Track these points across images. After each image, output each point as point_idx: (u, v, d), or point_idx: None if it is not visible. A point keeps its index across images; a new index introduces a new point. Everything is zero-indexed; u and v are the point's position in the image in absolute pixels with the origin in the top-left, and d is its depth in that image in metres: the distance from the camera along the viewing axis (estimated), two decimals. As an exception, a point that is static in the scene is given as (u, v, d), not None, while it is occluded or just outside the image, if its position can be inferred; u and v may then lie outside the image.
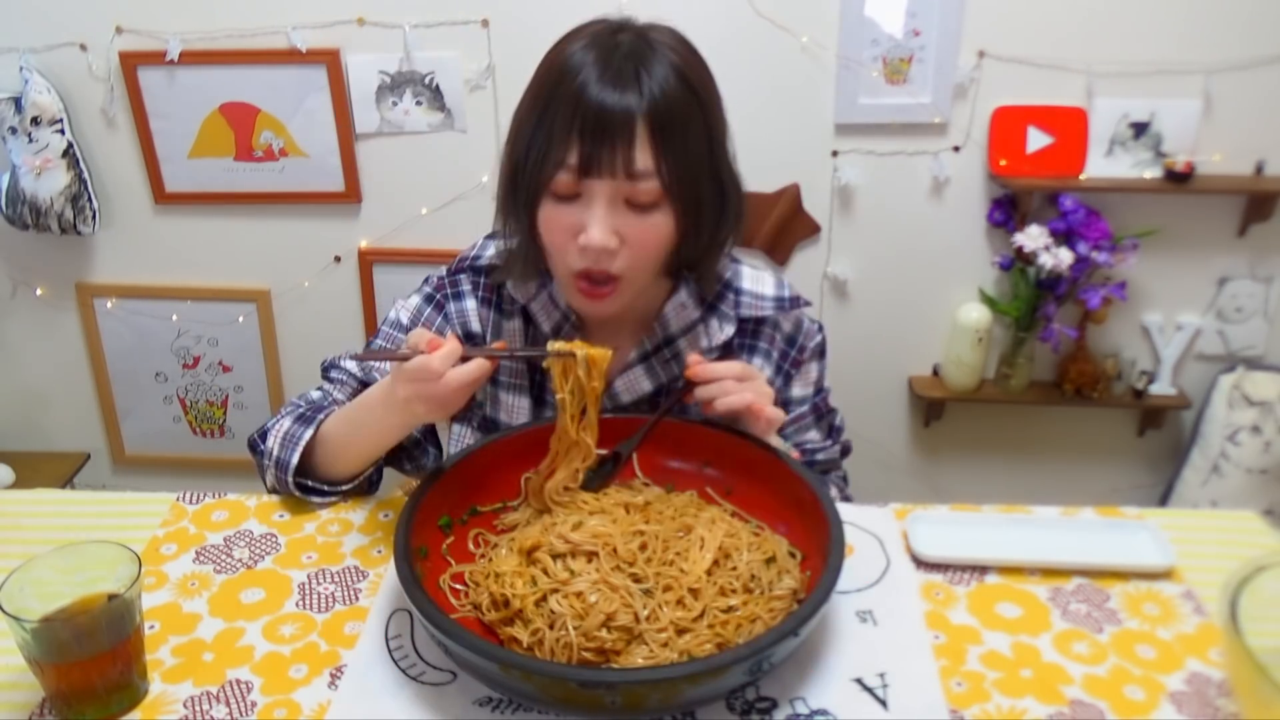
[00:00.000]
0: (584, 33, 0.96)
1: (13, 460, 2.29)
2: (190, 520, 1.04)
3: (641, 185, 0.93)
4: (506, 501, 1.00)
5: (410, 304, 1.13)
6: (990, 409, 2.22)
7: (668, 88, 0.92)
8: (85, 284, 2.26)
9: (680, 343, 1.10)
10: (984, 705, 0.80)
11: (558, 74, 0.93)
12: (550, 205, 0.96)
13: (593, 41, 0.94)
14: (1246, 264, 2.06)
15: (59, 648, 0.75)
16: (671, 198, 0.95)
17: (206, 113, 2.06)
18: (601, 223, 0.94)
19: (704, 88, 0.96)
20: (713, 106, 0.98)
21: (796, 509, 0.93)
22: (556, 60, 0.95)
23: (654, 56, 0.93)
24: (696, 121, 0.95)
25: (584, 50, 0.93)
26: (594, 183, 0.93)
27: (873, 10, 1.89)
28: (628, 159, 0.92)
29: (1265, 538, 1.00)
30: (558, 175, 0.94)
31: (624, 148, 0.91)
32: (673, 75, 0.92)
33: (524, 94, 0.99)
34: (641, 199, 0.94)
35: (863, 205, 2.06)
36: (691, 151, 0.95)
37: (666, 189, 0.94)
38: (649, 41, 0.94)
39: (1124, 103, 1.92)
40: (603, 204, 0.94)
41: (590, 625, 0.81)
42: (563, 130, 0.92)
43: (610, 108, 0.90)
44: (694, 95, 0.94)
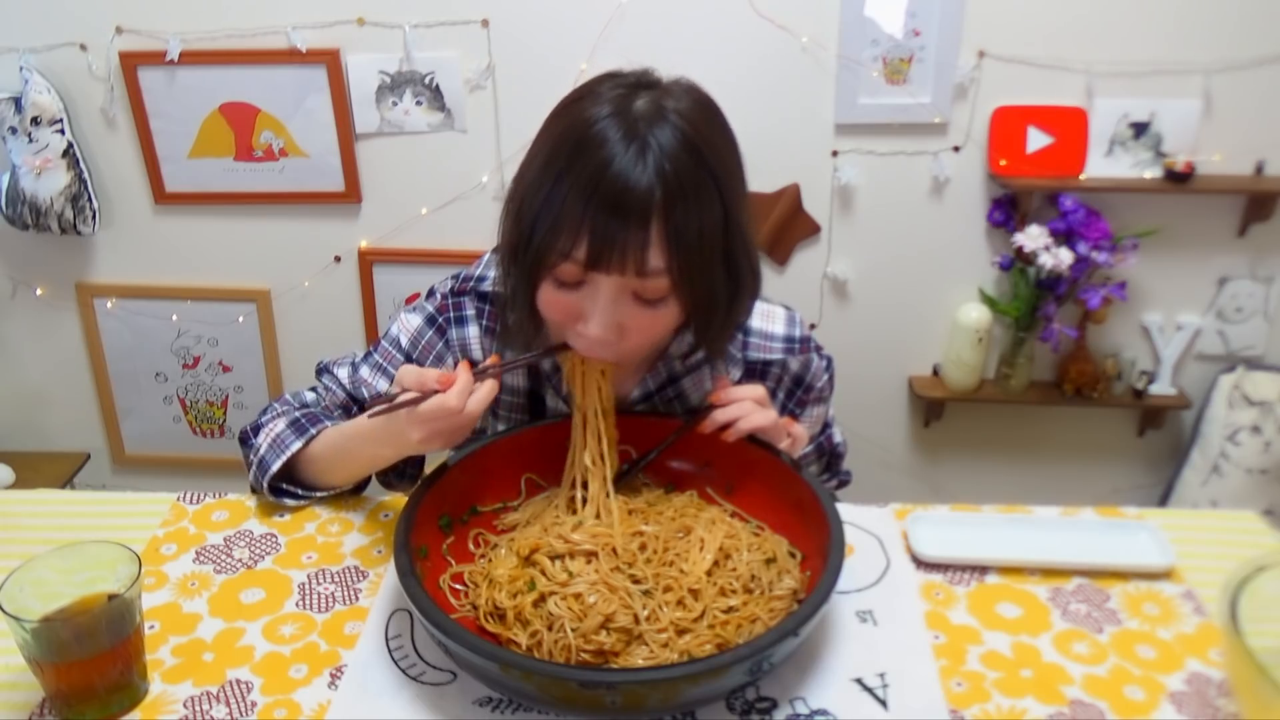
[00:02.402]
0: (605, 92, 0.88)
1: (13, 460, 2.29)
2: (190, 520, 1.04)
3: (651, 282, 0.87)
4: (507, 501, 1.00)
5: (411, 325, 1.09)
6: (990, 409, 2.22)
7: (680, 165, 0.84)
8: (85, 284, 2.26)
9: (684, 382, 1.07)
10: (984, 705, 0.80)
11: (574, 144, 0.85)
12: (551, 288, 0.90)
13: (615, 109, 0.85)
14: (1246, 264, 2.06)
15: (59, 648, 0.75)
16: (680, 291, 0.89)
17: (206, 113, 2.06)
18: (603, 318, 0.88)
19: (720, 162, 0.88)
20: (728, 181, 0.88)
21: (796, 509, 0.93)
22: (576, 123, 0.86)
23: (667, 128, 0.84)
24: (712, 203, 0.87)
25: (604, 119, 0.85)
26: (600, 277, 0.87)
27: (873, 10, 1.89)
28: (639, 259, 0.85)
29: (1265, 538, 1.00)
30: (563, 265, 0.87)
31: (636, 247, 0.84)
32: (685, 149, 0.84)
33: (535, 149, 0.91)
34: (650, 295, 0.88)
35: (863, 205, 2.06)
36: (706, 239, 0.87)
37: (675, 285, 0.88)
38: (662, 110, 0.85)
39: (1124, 103, 1.92)
40: (606, 299, 0.88)
41: (588, 627, 0.81)
42: (573, 215, 0.84)
43: (626, 195, 0.83)
44: (710, 173, 0.86)
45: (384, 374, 1.09)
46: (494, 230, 0.97)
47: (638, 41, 1.92)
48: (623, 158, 0.83)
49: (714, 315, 0.94)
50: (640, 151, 0.83)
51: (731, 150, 0.91)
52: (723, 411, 0.97)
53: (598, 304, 0.88)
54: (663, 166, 0.83)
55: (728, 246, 0.90)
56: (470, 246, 2.12)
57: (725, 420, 0.97)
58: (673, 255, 0.85)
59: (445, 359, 1.08)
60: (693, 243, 0.85)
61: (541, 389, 1.09)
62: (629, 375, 1.06)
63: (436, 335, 1.08)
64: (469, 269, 1.10)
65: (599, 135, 0.84)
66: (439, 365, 1.08)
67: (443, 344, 1.08)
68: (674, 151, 0.83)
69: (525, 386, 1.09)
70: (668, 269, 0.86)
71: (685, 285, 0.88)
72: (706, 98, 0.91)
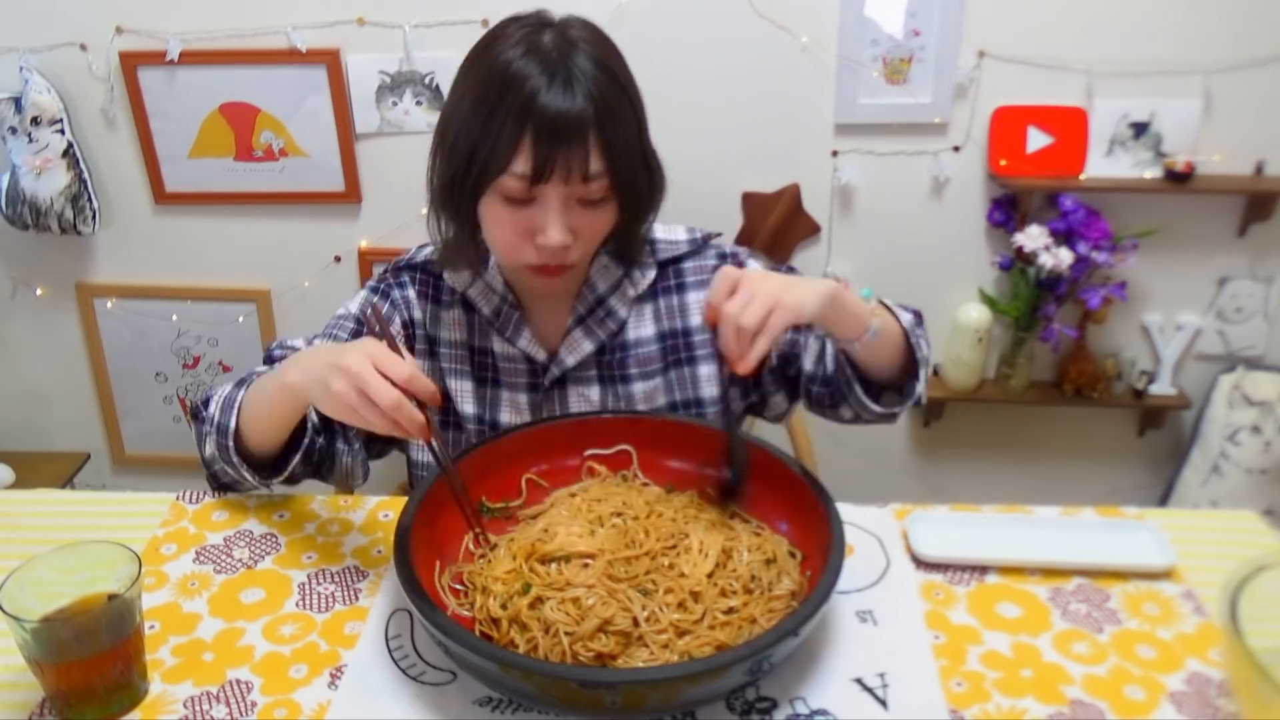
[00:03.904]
0: (513, 34, 1.00)
1: (13, 460, 2.29)
2: (190, 520, 1.04)
3: (593, 185, 1.00)
4: (508, 502, 1.00)
5: (358, 298, 1.21)
6: (990, 409, 2.22)
7: (603, 86, 0.97)
8: (85, 284, 2.26)
9: (611, 300, 1.17)
10: (984, 705, 0.80)
11: (500, 81, 0.97)
12: (498, 206, 1.01)
13: (528, 47, 0.98)
14: (1246, 264, 2.06)
15: (59, 648, 0.76)
16: (618, 192, 1.02)
17: (206, 113, 2.06)
18: (558, 224, 1.00)
19: (626, 76, 1.03)
20: (635, 92, 1.04)
21: (796, 509, 0.93)
22: (495, 67, 0.98)
23: (582, 56, 0.98)
24: (628, 113, 1.01)
25: (523, 58, 0.97)
26: (547, 188, 0.98)
27: (873, 10, 1.89)
28: (583, 164, 0.97)
29: (1265, 538, 1.00)
30: (507, 182, 0.98)
31: (579, 155, 0.97)
32: (603, 73, 0.98)
33: (456, 96, 1.03)
34: (593, 196, 1.01)
35: (863, 205, 2.06)
36: (629, 144, 1.01)
37: (614, 185, 1.01)
38: (571, 40, 0.99)
39: (1124, 103, 1.92)
40: (557, 206, 1.00)
41: (585, 631, 0.80)
42: (511, 138, 0.96)
43: (563, 116, 0.95)
44: (622, 89, 1.00)
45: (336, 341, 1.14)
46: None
47: (637, 41, 1.89)
48: (551, 86, 0.95)
49: (639, 210, 1.09)
50: (566, 80, 0.96)
51: (627, 68, 1.05)
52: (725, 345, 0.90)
53: (550, 212, 1.00)
54: (589, 89, 0.96)
55: (643, 147, 1.05)
56: (470, 246, 2.12)
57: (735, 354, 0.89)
58: (608, 159, 0.98)
59: (393, 318, 1.17)
60: (622, 146, 0.99)
61: (486, 341, 1.16)
62: (561, 307, 1.16)
63: (381, 299, 1.19)
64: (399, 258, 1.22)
65: (521, 71, 0.96)
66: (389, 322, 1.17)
67: (388, 304, 1.19)
68: (594, 74, 0.97)
69: (463, 339, 1.17)
70: (607, 171, 0.99)
71: (621, 183, 1.01)
72: (599, 28, 1.05)
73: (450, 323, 1.18)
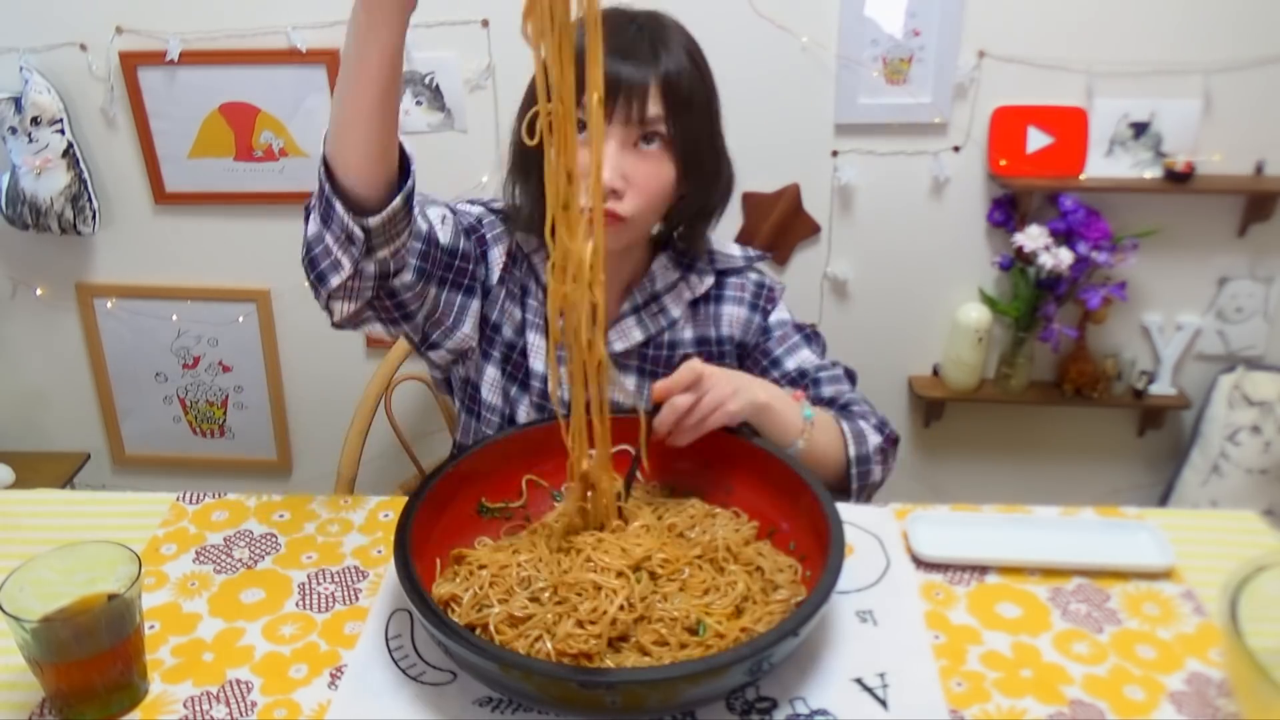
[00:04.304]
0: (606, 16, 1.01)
1: (13, 460, 2.29)
2: (190, 520, 1.04)
3: (650, 129, 1.02)
4: (508, 502, 1.00)
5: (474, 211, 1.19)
6: (990, 409, 2.22)
7: (680, 63, 1.02)
8: (85, 284, 2.26)
9: (666, 298, 1.20)
10: (984, 705, 0.80)
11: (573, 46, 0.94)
12: None
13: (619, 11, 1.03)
14: (1246, 264, 2.06)
15: (59, 648, 0.76)
16: (675, 150, 1.04)
17: (206, 113, 2.06)
18: (611, 161, 1.01)
19: (709, 76, 1.08)
20: (714, 94, 1.09)
21: (796, 509, 0.93)
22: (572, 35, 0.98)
23: (669, 36, 1.03)
24: (702, 99, 1.05)
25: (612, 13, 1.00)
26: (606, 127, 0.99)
27: (873, 10, 1.89)
28: (641, 108, 1.01)
29: (1265, 538, 1.00)
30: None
31: (638, 100, 1.00)
32: (685, 55, 1.03)
33: None
34: (650, 143, 1.03)
35: (863, 205, 2.06)
36: (696, 119, 1.05)
37: (671, 139, 1.03)
38: (662, 23, 1.05)
39: (1124, 103, 1.92)
40: (613, 146, 1.02)
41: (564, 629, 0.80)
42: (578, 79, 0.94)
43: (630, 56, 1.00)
44: (702, 78, 1.05)
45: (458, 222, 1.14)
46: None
47: (638, 41, 1.92)
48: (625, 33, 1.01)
49: (701, 186, 1.10)
50: (639, 38, 1.01)
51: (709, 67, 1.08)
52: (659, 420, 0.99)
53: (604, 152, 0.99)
54: (662, 51, 1.02)
55: (713, 136, 1.09)
56: (470, 246, 2.12)
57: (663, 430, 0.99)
58: (669, 112, 1.02)
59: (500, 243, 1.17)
60: (684, 111, 1.03)
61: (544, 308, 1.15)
62: (617, 296, 1.18)
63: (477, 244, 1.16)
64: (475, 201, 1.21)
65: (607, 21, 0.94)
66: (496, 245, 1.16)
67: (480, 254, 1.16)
68: (672, 45, 1.03)
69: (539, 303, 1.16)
70: (664, 118, 1.02)
71: (679, 141, 1.04)
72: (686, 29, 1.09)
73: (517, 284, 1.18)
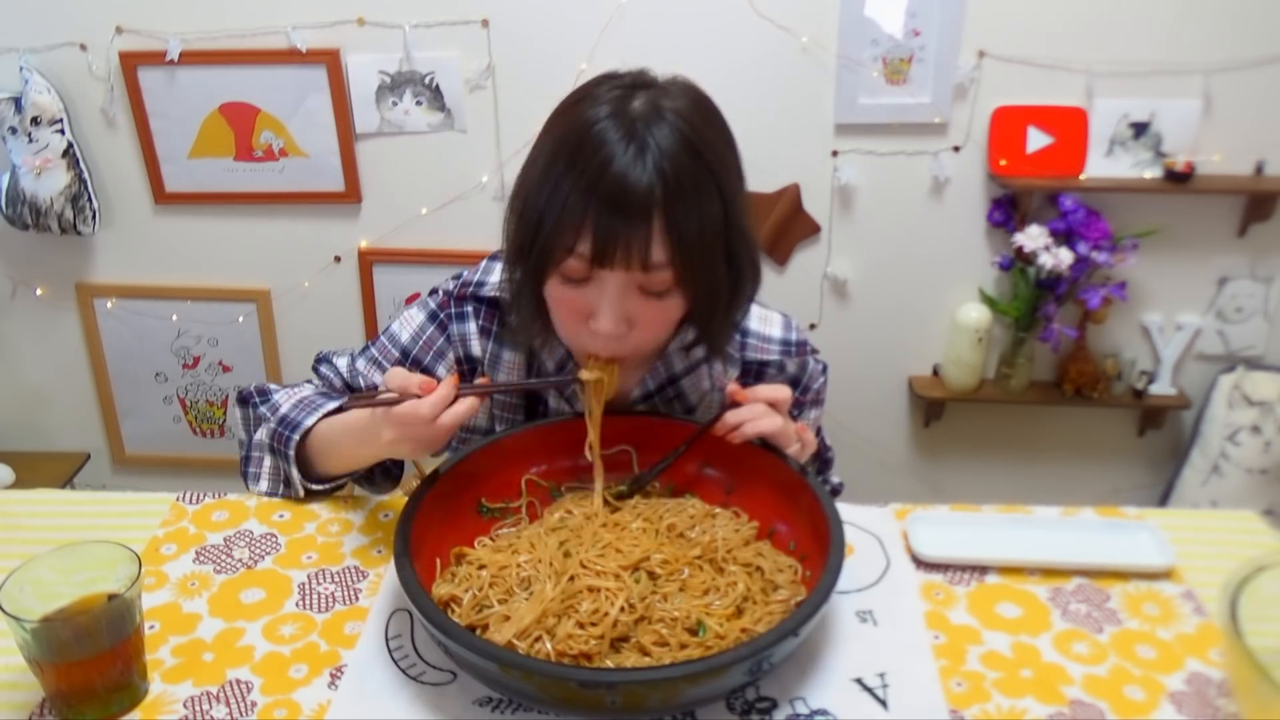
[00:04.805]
0: (604, 94, 0.90)
1: (13, 460, 2.30)
2: (190, 520, 1.04)
3: (656, 275, 0.90)
4: (508, 502, 1.00)
5: (414, 320, 1.11)
6: (990, 409, 2.22)
7: (680, 164, 0.87)
8: (85, 284, 2.26)
9: (683, 382, 1.09)
10: (984, 705, 0.80)
11: (575, 144, 0.88)
12: (558, 285, 0.93)
13: (614, 110, 0.88)
14: (1246, 264, 2.06)
15: (59, 648, 0.75)
16: (684, 284, 0.92)
17: (206, 113, 2.06)
18: (613, 312, 0.92)
19: (718, 159, 0.91)
20: (727, 176, 0.91)
21: (796, 509, 0.93)
22: (575, 126, 0.89)
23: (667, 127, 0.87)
24: (711, 199, 0.90)
25: (605, 121, 0.87)
26: (606, 273, 0.90)
27: (873, 10, 1.89)
28: (644, 252, 0.88)
29: (1265, 538, 1.00)
30: (569, 261, 0.90)
31: (640, 241, 0.87)
32: (684, 150, 0.87)
33: (535, 152, 0.94)
34: (655, 287, 0.92)
35: (863, 205, 2.06)
36: (706, 234, 0.90)
37: (679, 278, 0.91)
38: (659, 109, 0.88)
39: (1124, 103, 1.92)
40: (615, 293, 0.91)
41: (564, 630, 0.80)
42: (576, 213, 0.87)
43: (628, 192, 0.86)
44: (707, 168, 0.89)
45: (379, 368, 1.10)
46: (494, 230, 0.99)
47: (638, 41, 1.92)
48: (622, 157, 0.86)
49: (716, 308, 0.97)
50: (639, 151, 0.86)
51: (728, 146, 0.94)
52: (733, 413, 0.96)
53: (605, 298, 0.91)
54: (661, 164, 0.86)
55: (728, 240, 0.93)
56: (470, 246, 2.12)
57: (734, 423, 0.96)
58: (675, 249, 0.88)
59: (446, 354, 1.10)
60: (694, 237, 0.89)
61: (544, 390, 1.10)
62: (630, 375, 1.07)
63: (438, 331, 1.10)
64: (468, 273, 1.11)
65: (598, 136, 0.87)
66: (439, 360, 1.10)
67: (444, 339, 1.10)
68: (672, 150, 0.87)
69: None
70: (671, 262, 0.89)
71: (688, 278, 0.91)
72: (703, 96, 0.94)
73: (510, 367, 1.10)
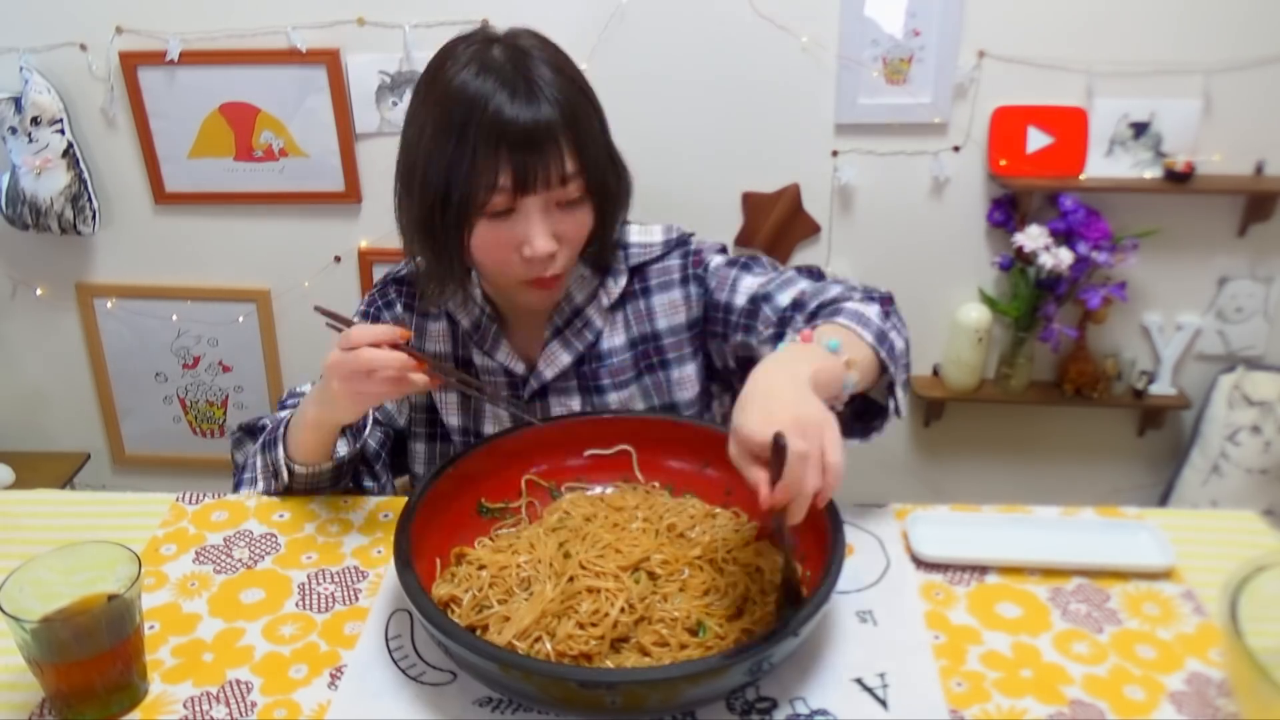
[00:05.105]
0: (462, 55, 0.98)
1: (13, 460, 2.30)
2: (190, 520, 1.04)
3: (570, 186, 1.00)
4: (508, 502, 1.00)
5: None
6: (990, 409, 2.22)
7: (565, 91, 0.98)
8: (85, 284, 2.26)
9: (588, 310, 1.15)
10: (984, 705, 0.80)
11: (461, 105, 0.96)
12: (485, 226, 1.00)
13: (481, 65, 0.97)
14: (1246, 264, 2.06)
15: (59, 648, 0.76)
16: (591, 192, 1.03)
17: (206, 113, 2.06)
18: (543, 233, 1.00)
19: (582, 79, 1.03)
20: (592, 92, 1.04)
21: (796, 509, 0.93)
22: (452, 91, 0.97)
23: (538, 63, 0.98)
24: (591, 114, 1.02)
25: (478, 77, 0.96)
26: (529, 198, 0.98)
27: (873, 10, 1.89)
28: (560, 168, 0.98)
29: (1265, 538, 1.00)
30: (493, 199, 0.97)
31: (555, 160, 0.97)
32: (561, 77, 0.98)
33: (415, 129, 1.02)
34: (570, 197, 1.01)
35: (863, 205, 2.06)
36: (597, 143, 1.02)
37: (587, 186, 1.01)
38: (523, 50, 0.99)
39: (1124, 103, 1.92)
40: (539, 215, 1.00)
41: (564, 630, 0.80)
42: (487, 155, 0.95)
43: (534, 126, 0.95)
44: (581, 90, 1.01)
45: None
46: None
47: (638, 42, 1.92)
48: (514, 101, 0.95)
49: (615, 211, 1.09)
50: (529, 90, 0.96)
51: (579, 71, 1.04)
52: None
53: (533, 221, 0.99)
54: (553, 95, 0.97)
55: (608, 145, 1.06)
56: (470, 246, 2.12)
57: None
58: (580, 157, 0.99)
59: None
60: (591, 144, 1.01)
61: (468, 352, 1.17)
62: (539, 318, 1.15)
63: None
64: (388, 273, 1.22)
65: (480, 90, 0.96)
66: None
67: None
68: (554, 80, 0.98)
69: (448, 351, 1.18)
70: (580, 170, 0.99)
71: (595, 180, 1.02)
72: (544, 35, 1.05)
73: (436, 335, 1.18)
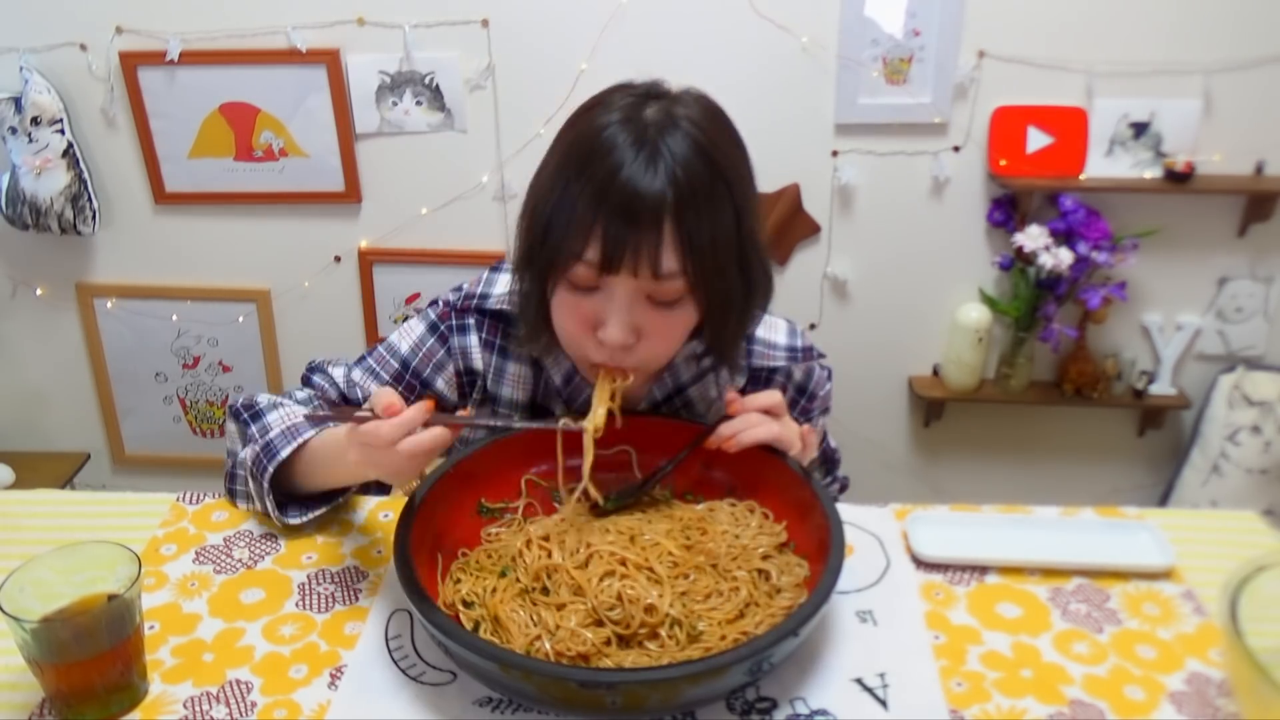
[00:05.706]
0: (616, 101, 0.90)
1: (13, 460, 2.30)
2: (190, 520, 1.04)
3: (666, 284, 0.88)
4: (508, 502, 1.00)
5: (414, 332, 1.09)
6: (990, 409, 2.22)
7: (693, 171, 0.86)
8: (85, 284, 2.26)
9: (690, 392, 1.08)
10: (984, 705, 0.80)
11: (586, 150, 0.87)
12: (565, 293, 0.92)
13: (625, 117, 0.87)
14: (1246, 264, 2.06)
15: (59, 648, 0.75)
16: (695, 293, 0.90)
17: (206, 113, 2.06)
18: (621, 321, 0.90)
19: (731, 167, 0.90)
20: (739, 185, 0.91)
21: (796, 509, 0.93)
22: (587, 133, 0.88)
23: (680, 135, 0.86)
24: (724, 208, 0.89)
25: (616, 127, 0.87)
26: (615, 279, 0.88)
27: (873, 10, 1.89)
28: (653, 259, 0.86)
29: (1265, 538, 1.00)
30: (576, 268, 0.88)
31: (650, 249, 0.86)
32: (697, 156, 0.86)
33: (548, 159, 0.93)
34: (665, 296, 0.90)
35: (863, 205, 2.06)
36: (719, 243, 0.89)
37: (690, 288, 0.89)
38: (674, 117, 0.88)
39: (1124, 103, 1.92)
40: (623, 301, 0.89)
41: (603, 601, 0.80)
42: (585, 219, 0.86)
43: (637, 199, 0.84)
44: (719, 176, 0.88)
45: (376, 378, 1.08)
46: (494, 230, 1.00)
47: (638, 42, 1.92)
48: (633, 163, 0.85)
49: (728, 318, 0.96)
50: (651, 157, 0.85)
51: (741, 156, 0.93)
52: (728, 424, 0.95)
53: (613, 306, 0.89)
54: (674, 172, 0.85)
55: (740, 249, 0.92)
56: (470, 247, 2.12)
57: (730, 433, 0.95)
58: (686, 257, 0.87)
59: (446, 366, 1.09)
60: (706, 245, 0.87)
61: (549, 403, 1.09)
62: (636, 387, 1.05)
63: (439, 343, 1.09)
64: (470, 285, 1.10)
65: (609, 141, 0.86)
66: (439, 373, 1.09)
67: (444, 351, 1.09)
68: (685, 157, 0.86)
69: (525, 400, 1.10)
70: (682, 270, 0.87)
71: (700, 287, 0.90)
72: (715, 106, 0.93)
73: (514, 380, 1.08)
